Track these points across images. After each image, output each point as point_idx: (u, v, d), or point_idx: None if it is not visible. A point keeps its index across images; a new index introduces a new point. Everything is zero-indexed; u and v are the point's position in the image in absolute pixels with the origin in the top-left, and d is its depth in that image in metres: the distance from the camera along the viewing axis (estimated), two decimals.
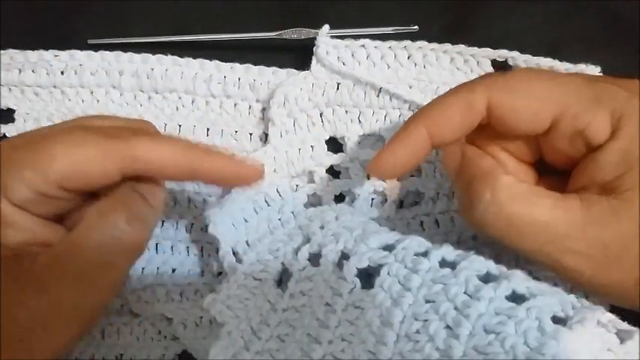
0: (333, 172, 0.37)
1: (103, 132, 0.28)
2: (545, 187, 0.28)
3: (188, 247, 0.37)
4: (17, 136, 0.30)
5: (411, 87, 0.36)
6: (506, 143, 0.30)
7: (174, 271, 0.36)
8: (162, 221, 0.37)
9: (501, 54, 0.35)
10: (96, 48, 0.38)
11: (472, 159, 0.29)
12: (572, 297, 0.25)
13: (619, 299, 0.28)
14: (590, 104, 0.27)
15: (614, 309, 0.26)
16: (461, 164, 0.29)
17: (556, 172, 0.30)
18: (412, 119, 0.29)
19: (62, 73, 0.37)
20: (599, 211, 0.26)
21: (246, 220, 0.34)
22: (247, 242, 0.34)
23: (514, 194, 0.27)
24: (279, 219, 0.34)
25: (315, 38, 0.36)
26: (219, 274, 0.36)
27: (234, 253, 0.33)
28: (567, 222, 0.26)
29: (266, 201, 0.35)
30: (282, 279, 0.32)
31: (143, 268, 0.36)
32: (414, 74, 0.35)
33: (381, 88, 0.35)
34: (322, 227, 0.32)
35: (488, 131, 0.30)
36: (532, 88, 0.28)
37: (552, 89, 0.28)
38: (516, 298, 0.25)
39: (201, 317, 0.35)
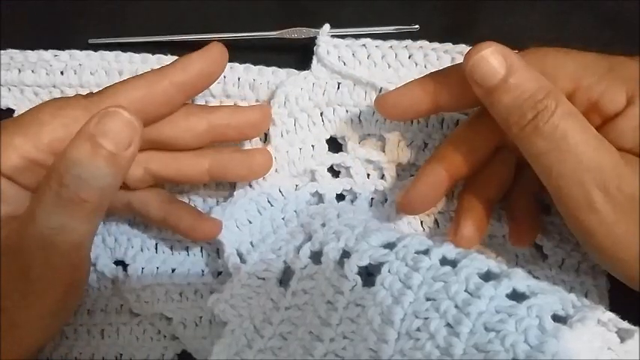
0: (333, 171, 0.37)
1: (81, 95, 0.29)
2: None
3: (187, 247, 0.37)
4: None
5: None
6: None
7: (173, 270, 0.36)
8: None
9: None
10: (96, 48, 0.38)
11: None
12: (572, 296, 0.26)
13: (625, 268, 0.28)
14: (603, 75, 0.28)
15: (614, 308, 0.26)
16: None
17: None
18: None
19: (62, 73, 0.37)
20: (633, 165, 0.27)
21: (250, 222, 0.34)
22: (252, 243, 0.34)
23: (575, 115, 0.27)
24: (283, 218, 0.34)
25: (315, 38, 0.36)
26: (219, 273, 0.36)
27: (238, 254, 0.33)
28: (610, 159, 0.27)
29: (269, 201, 0.35)
30: (285, 277, 0.32)
31: (143, 268, 0.36)
32: (415, 74, 0.35)
33: (381, 88, 0.35)
34: (324, 225, 0.32)
35: None
36: (546, 63, 0.29)
37: (566, 64, 0.29)
38: (517, 296, 0.25)
39: (201, 317, 0.35)
